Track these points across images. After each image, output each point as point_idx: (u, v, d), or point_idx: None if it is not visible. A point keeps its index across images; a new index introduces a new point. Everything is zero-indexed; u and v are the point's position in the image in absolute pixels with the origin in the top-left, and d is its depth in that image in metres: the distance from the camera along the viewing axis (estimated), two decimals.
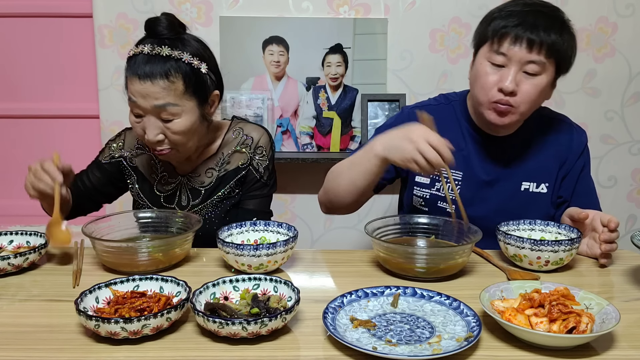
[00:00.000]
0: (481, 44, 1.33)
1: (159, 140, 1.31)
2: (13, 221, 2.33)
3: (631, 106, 2.33)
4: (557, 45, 1.25)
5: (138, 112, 1.30)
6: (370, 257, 1.24)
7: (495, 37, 1.28)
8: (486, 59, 1.31)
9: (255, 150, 1.47)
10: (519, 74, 1.27)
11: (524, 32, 1.24)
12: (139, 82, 1.26)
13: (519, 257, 1.16)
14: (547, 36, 1.24)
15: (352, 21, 2.24)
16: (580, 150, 1.44)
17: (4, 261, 1.10)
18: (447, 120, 1.45)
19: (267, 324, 0.83)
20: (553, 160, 1.42)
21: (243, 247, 1.09)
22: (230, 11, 2.23)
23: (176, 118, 1.30)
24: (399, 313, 0.95)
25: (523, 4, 1.30)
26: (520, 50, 1.25)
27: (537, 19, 1.25)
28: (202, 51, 1.35)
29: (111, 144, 1.53)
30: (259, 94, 2.27)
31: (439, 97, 1.53)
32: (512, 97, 1.27)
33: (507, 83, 1.26)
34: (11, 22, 2.29)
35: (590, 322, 0.85)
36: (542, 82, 1.28)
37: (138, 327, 0.83)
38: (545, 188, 1.42)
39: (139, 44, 1.31)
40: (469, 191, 1.41)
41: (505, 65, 1.27)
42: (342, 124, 2.30)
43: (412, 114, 1.44)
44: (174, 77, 1.28)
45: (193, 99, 1.32)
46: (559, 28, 1.26)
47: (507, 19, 1.27)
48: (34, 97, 2.34)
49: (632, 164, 2.40)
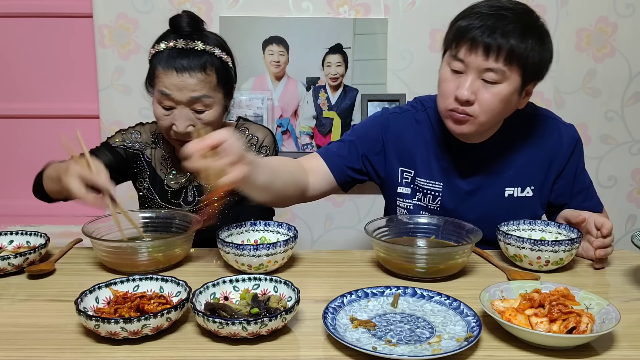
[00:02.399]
0: (446, 49, 1.27)
1: (189, 131, 1.35)
2: (13, 221, 2.33)
3: (631, 106, 2.33)
4: (518, 52, 1.16)
5: (170, 105, 1.34)
6: (370, 257, 1.24)
7: (454, 42, 1.22)
8: (447, 64, 1.25)
9: (260, 149, 1.50)
10: (477, 82, 1.20)
11: (481, 36, 1.16)
12: (177, 75, 1.31)
13: (519, 257, 1.16)
14: (505, 41, 1.15)
15: (352, 21, 2.24)
16: (572, 148, 1.37)
17: (4, 261, 1.10)
18: (424, 129, 1.39)
19: (267, 324, 0.83)
20: (538, 161, 1.35)
21: (243, 247, 1.09)
22: (230, 11, 2.23)
23: (208, 109, 1.36)
24: (399, 313, 0.95)
25: (490, 5, 1.21)
26: (476, 57, 1.18)
27: (497, 22, 1.16)
28: (226, 46, 1.42)
29: (125, 133, 1.53)
30: (259, 94, 2.27)
31: (416, 102, 1.46)
32: (468, 106, 1.21)
33: (462, 91, 1.19)
34: (11, 22, 2.29)
35: (590, 322, 0.85)
36: (502, 91, 1.19)
37: (138, 327, 0.83)
38: (531, 191, 1.36)
39: (165, 40, 1.36)
40: (452, 202, 1.36)
41: (464, 72, 1.21)
42: (342, 124, 2.30)
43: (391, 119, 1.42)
44: (209, 69, 1.34)
45: (222, 91, 1.39)
46: (521, 32, 1.16)
47: (468, 20, 1.20)
48: (34, 97, 2.34)
49: (632, 164, 2.40)
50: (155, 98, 1.37)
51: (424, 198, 1.39)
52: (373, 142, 1.41)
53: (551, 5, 2.24)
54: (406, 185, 1.41)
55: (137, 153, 1.51)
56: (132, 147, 1.51)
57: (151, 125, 1.55)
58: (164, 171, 1.51)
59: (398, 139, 1.40)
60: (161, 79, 1.33)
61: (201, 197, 1.48)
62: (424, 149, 1.38)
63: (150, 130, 1.54)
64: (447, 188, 1.36)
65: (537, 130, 1.37)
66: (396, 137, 1.40)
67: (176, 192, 1.49)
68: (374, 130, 1.42)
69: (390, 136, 1.40)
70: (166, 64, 1.32)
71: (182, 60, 1.32)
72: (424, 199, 1.39)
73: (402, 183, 1.41)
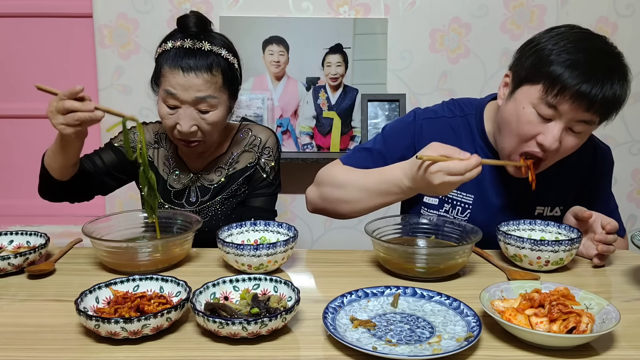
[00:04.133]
0: (528, 82, 1.16)
1: (193, 131, 1.35)
2: (13, 221, 2.33)
3: (631, 106, 2.33)
4: (618, 100, 1.11)
5: (175, 104, 1.34)
6: (370, 257, 1.24)
7: (550, 86, 1.11)
8: (532, 106, 1.15)
9: (263, 150, 1.52)
10: (565, 130, 1.14)
11: (589, 90, 1.07)
12: (183, 75, 1.31)
13: (519, 257, 1.16)
14: (612, 93, 1.09)
15: (352, 21, 2.24)
16: (604, 169, 1.36)
17: (4, 261, 1.10)
18: (461, 135, 1.35)
19: (267, 324, 0.83)
20: (571, 182, 1.34)
21: (243, 247, 1.09)
22: (230, 11, 2.23)
23: (212, 110, 1.36)
24: (399, 313, 0.95)
25: (587, 49, 1.11)
26: (577, 110, 1.10)
27: (605, 75, 1.08)
28: (232, 47, 1.43)
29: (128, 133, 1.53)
30: (259, 94, 2.27)
31: (453, 106, 1.39)
32: (550, 154, 1.17)
33: (551, 141, 1.12)
34: (11, 22, 2.29)
35: (590, 322, 0.85)
36: (586, 136, 1.16)
37: (138, 327, 0.83)
38: (560, 211, 1.35)
39: (172, 39, 1.36)
40: (480, 216, 1.33)
41: (553, 118, 1.13)
42: (342, 124, 2.30)
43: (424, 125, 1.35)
44: (216, 70, 1.35)
45: (227, 92, 1.40)
46: (623, 80, 1.10)
47: (568, 68, 1.09)
48: (34, 97, 2.32)
49: (632, 164, 2.40)
50: (161, 97, 1.37)
51: (452, 210, 1.35)
52: (404, 150, 1.34)
53: (551, 5, 2.24)
54: (434, 196, 1.36)
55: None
56: (135, 146, 1.51)
57: (154, 125, 1.55)
58: (166, 171, 1.51)
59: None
60: (167, 78, 1.34)
61: (204, 198, 1.48)
62: None
63: (153, 130, 1.54)
64: (478, 201, 1.34)
65: (575, 154, 1.27)
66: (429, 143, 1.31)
67: (179, 192, 1.49)
68: (406, 137, 1.36)
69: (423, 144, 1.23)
70: (173, 63, 1.33)
71: (189, 60, 1.32)
72: (452, 210, 1.35)
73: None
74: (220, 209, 1.50)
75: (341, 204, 1.30)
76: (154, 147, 1.52)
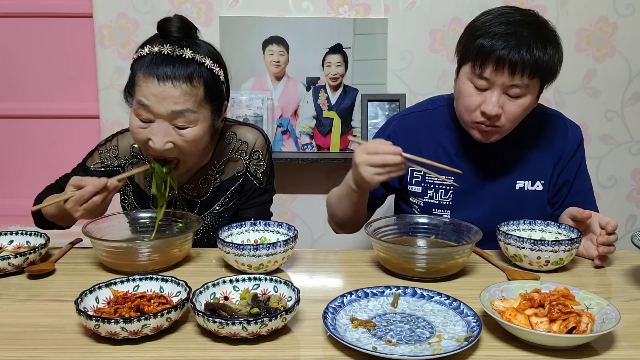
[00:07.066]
0: (464, 61, 1.29)
1: (168, 148, 1.21)
2: (13, 221, 2.33)
3: (631, 106, 2.33)
4: (540, 63, 1.21)
5: (148, 118, 1.20)
6: (370, 257, 1.24)
7: (477, 60, 1.23)
8: (469, 80, 1.27)
9: (252, 156, 1.41)
10: (503, 97, 1.24)
11: (507, 56, 1.19)
12: (158, 84, 1.17)
13: (519, 257, 1.16)
14: (530, 57, 1.19)
15: (352, 21, 2.24)
16: (576, 146, 1.43)
17: (4, 261, 1.10)
18: (434, 126, 1.44)
19: (267, 324, 0.83)
20: (548, 158, 1.41)
21: (243, 247, 1.09)
22: (230, 11, 2.23)
23: (191, 126, 1.22)
24: (399, 313, 0.95)
25: (506, 21, 1.22)
26: (503, 76, 1.21)
27: (520, 40, 1.19)
28: (219, 58, 1.30)
29: (102, 149, 1.42)
30: (259, 94, 2.27)
31: (425, 102, 1.50)
32: (496, 120, 1.26)
33: (492, 108, 1.23)
34: (11, 22, 2.29)
35: (590, 322, 0.85)
36: (526, 101, 1.25)
37: (138, 327, 0.83)
38: (541, 185, 1.40)
39: (150, 44, 1.23)
40: (463, 195, 1.40)
41: (488, 88, 1.24)
42: (342, 124, 2.30)
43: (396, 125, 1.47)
44: (196, 81, 1.21)
45: (209, 107, 1.26)
46: (542, 46, 1.20)
47: (490, 39, 1.21)
48: (34, 97, 2.34)
49: (632, 164, 2.40)
50: (133, 108, 1.22)
51: (435, 195, 1.42)
52: None
53: (551, 5, 2.24)
54: (417, 184, 1.44)
55: (116, 170, 1.40)
56: (107, 163, 1.40)
57: (130, 138, 1.40)
58: (148, 186, 1.39)
59: (406, 141, 1.36)
60: (140, 87, 1.19)
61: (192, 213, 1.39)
62: (432, 146, 1.42)
63: (129, 143, 1.41)
64: (458, 181, 1.38)
65: (547, 129, 1.42)
66: (404, 140, 1.39)
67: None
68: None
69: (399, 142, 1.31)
70: (147, 71, 1.18)
71: (166, 67, 1.17)
72: (435, 195, 1.42)
73: (412, 182, 1.44)
74: (212, 225, 1.42)
75: (335, 218, 1.47)
76: (132, 163, 1.40)
